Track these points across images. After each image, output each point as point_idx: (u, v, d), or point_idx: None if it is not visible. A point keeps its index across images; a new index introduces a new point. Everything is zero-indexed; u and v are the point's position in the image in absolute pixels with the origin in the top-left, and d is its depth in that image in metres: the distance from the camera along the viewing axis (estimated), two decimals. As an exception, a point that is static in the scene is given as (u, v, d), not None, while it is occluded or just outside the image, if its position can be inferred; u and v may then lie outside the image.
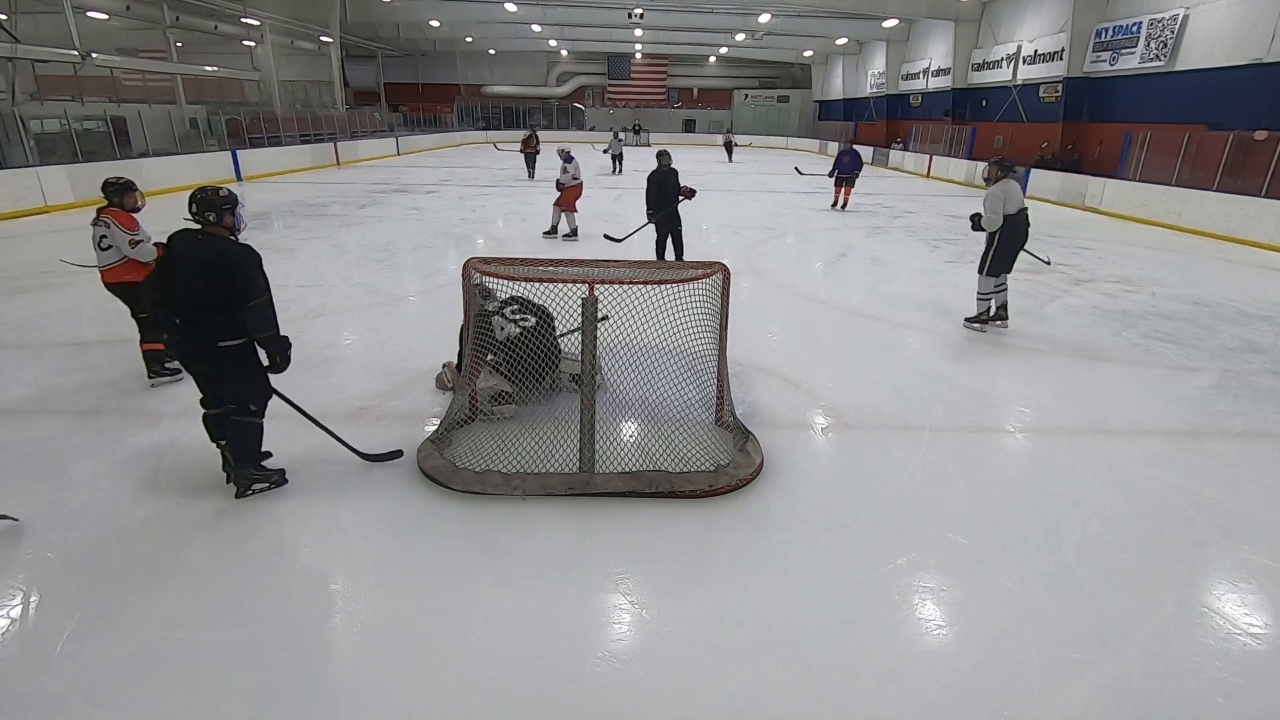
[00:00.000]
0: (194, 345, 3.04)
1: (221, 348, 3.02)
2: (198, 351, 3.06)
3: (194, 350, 3.06)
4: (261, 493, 3.31)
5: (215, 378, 3.17)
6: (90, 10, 18.72)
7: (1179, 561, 3.00)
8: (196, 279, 2.95)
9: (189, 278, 2.96)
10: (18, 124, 12.73)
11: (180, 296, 2.97)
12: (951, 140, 22.73)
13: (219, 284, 2.94)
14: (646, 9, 26.11)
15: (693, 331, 3.70)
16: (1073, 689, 2.29)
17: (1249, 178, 11.88)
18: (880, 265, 9.09)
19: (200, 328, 2.99)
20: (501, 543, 3.00)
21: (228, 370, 3.11)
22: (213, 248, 2.99)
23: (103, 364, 4.92)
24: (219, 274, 2.94)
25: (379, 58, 39.26)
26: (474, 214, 12.65)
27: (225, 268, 2.94)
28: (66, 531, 3.00)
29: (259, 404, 3.25)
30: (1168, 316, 6.81)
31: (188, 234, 3.07)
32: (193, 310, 2.97)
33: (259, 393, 3.24)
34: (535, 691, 2.25)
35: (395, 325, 6.03)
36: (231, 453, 3.27)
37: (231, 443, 3.25)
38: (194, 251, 2.99)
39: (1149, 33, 15.59)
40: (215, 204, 3.06)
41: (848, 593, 2.74)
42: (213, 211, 3.06)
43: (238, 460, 3.26)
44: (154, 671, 2.28)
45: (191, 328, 3.00)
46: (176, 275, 2.99)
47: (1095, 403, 4.71)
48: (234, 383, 3.17)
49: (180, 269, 2.98)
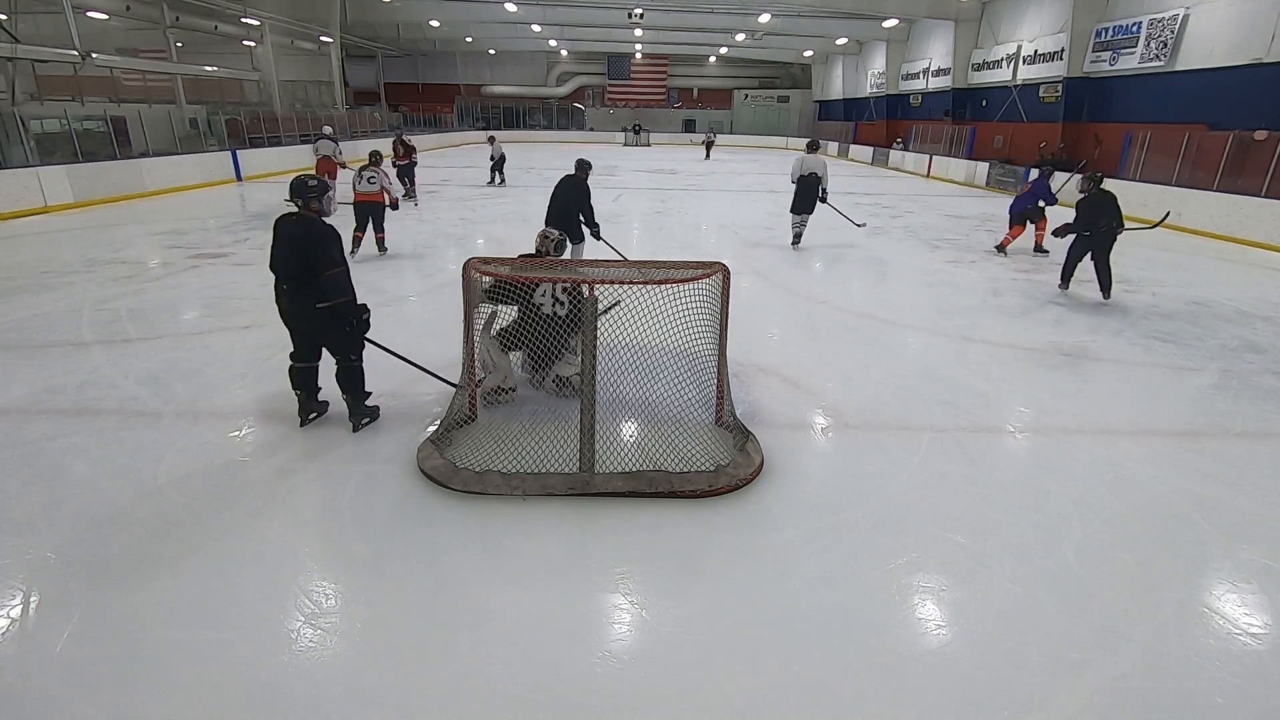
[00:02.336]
0: (297, 306, 3.69)
1: (319, 308, 3.65)
2: (300, 311, 3.70)
3: (297, 310, 3.71)
4: (367, 426, 3.98)
5: (316, 333, 3.81)
6: (90, 10, 18.70)
7: (1179, 561, 3.00)
8: (292, 253, 3.58)
9: (287, 252, 3.61)
10: (18, 124, 12.71)
11: (282, 267, 3.64)
12: (951, 140, 22.73)
13: (309, 257, 3.56)
14: (646, 9, 26.11)
15: (693, 331, 3.70)
16: (1073, 689, 2.29)
17: (1249, 178, 11.87)
18: (880, 265, 9.08)
19: (301, 292, 3.63)
20: (501, 543, 3.00)
21: (325, 327, 3.74)
22: (303, 227, 3.62)
23: (102, 364, 4.92)
24: (307, 249, 3.56)
25: (379, 58, 39.28)
26: (474, 214, 12.65)
27: (310, 243, 3.57)
28: (66, 531, 3.00)
29: (356, 353, 3.89)
30: (1168, 316, 6.81)
31: (287, 216, 3.70)
32: (293, 278, 3.62)
33: (354, 344, 3.87)
34: (535, 691, 2.24)
35: (395, 325, 6.03)
36: (345, 390, 3.93)
37: (343, 384, 3.91)
38: (290, 230, 3.63)
39: (1149, 33, 15.59)
40: (305, 191, 3.69)
41: (848, 593, 2.74)
42: (303, 198, 3.68)
43: (352, 395, 3.93)
44: (154, 671, 2.28)
45: (295, 292, 3.64)
46: (278, 250, 3.65)
47: (1095, 403, 4.71)
48: (333, 337, 3.80)
49: (280, 244, 3.64)
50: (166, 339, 5.50)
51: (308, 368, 3.91)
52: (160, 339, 5.49)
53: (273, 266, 3.72)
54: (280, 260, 3.65)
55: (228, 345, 5.36)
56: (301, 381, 3.94)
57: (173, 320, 6.01)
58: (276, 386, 4.58)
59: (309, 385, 3.98)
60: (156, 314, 6.13)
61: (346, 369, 3.88)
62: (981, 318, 6.68)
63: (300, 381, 3.94)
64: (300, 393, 3.97)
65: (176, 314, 6.19)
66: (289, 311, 3.75)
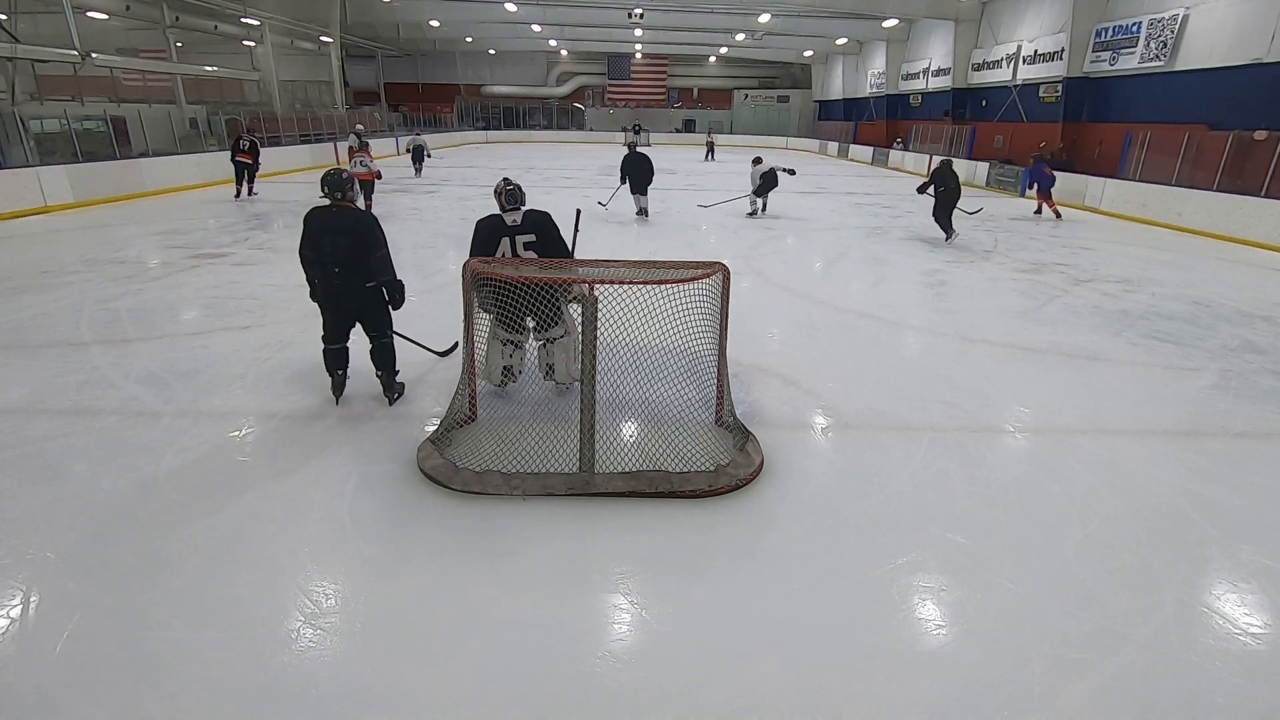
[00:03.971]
0: (349, 288, 4.01)
1: (367, 288, 4.03)
2: (351, 292, 4.03)
3: (348, 291, 4.02)
4: (398, 401, 4.34)
5: (362, 311, 4.12)
6: (90, 10, 18.69)
7: (1179, 561, 3.00)
8: (342, 240, 3.90)
9: (335, 241, 3.91)
10: (18, 124, 12.71)
11: (332, 255, 3.92)
12: (951, 140, 22.73)
13: (357, 242, 3.91)
14: (646, 9, 26.10)
15: (693, 331, 3.70)
16: (1073, 689, 2.29)
17: (1249, 178, 11.87)
18: (880, 265, 9.08)
19: (355, 274, 3.97)
20: (501, 543, 3.00)
21: (371, 304, 4.10)
22: (348, 216, 3.98)
23: (102, 364, 4.92)
24: (355, 235, 3.92)
25: (379, 58, 39.25)
26: (474, 214, 12.49)
27: (359, 230, 3.94)
28: (66, 531, 3.00)
29: (390, 330, 4.26)
30: (1168, 316, 6.81)
31: (324, 209, 4.00)
32: (344, 263, 3.93)
33: (389, 320, 4.23)
34: (535, 691, 2.24)
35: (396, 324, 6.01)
36: (380, 367, 4.29)
37: (379, 361, 4.27)
38: (335, 221, 3.95)
39: (1149, 33, 15.59)
40: (341, 184, 4.02)
41: (848, 592, 2.74)
42: (340, 190, 4.01)
43: (386, 372, 4.30)
44: (154, 671, 2.28)
45: (348, 275, 3.97)
46: (323, 241, 3.93)
47: (1095, 403, 4.71)
48: (376, 313, 4.16)
49: (327, 235, 3.93)
50: (166, 339, 5.50)
51: (342, 348, 4.24)
52: (160, 339, 5.49)
53: (312, 256, 4.00)
54: (330, 249, 3.92)
55: (228, 345, 5.36)
56: (339, 361, 4.25)
57: (173, 320, 6.01)
58: (276, 386, 4.59)
59: (345, 364, 4.28)
60: (156, 314, 6.13)
61: (381, 347, 4.22)
62: (981, 318, 6.69)
63: (338, 361, 4.24)
64: (339, 372, 4.27)
65: (176, 314, 6.19)
66: (340, 293, 4.04)
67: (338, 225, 3.93)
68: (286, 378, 4.72)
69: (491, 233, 4.16)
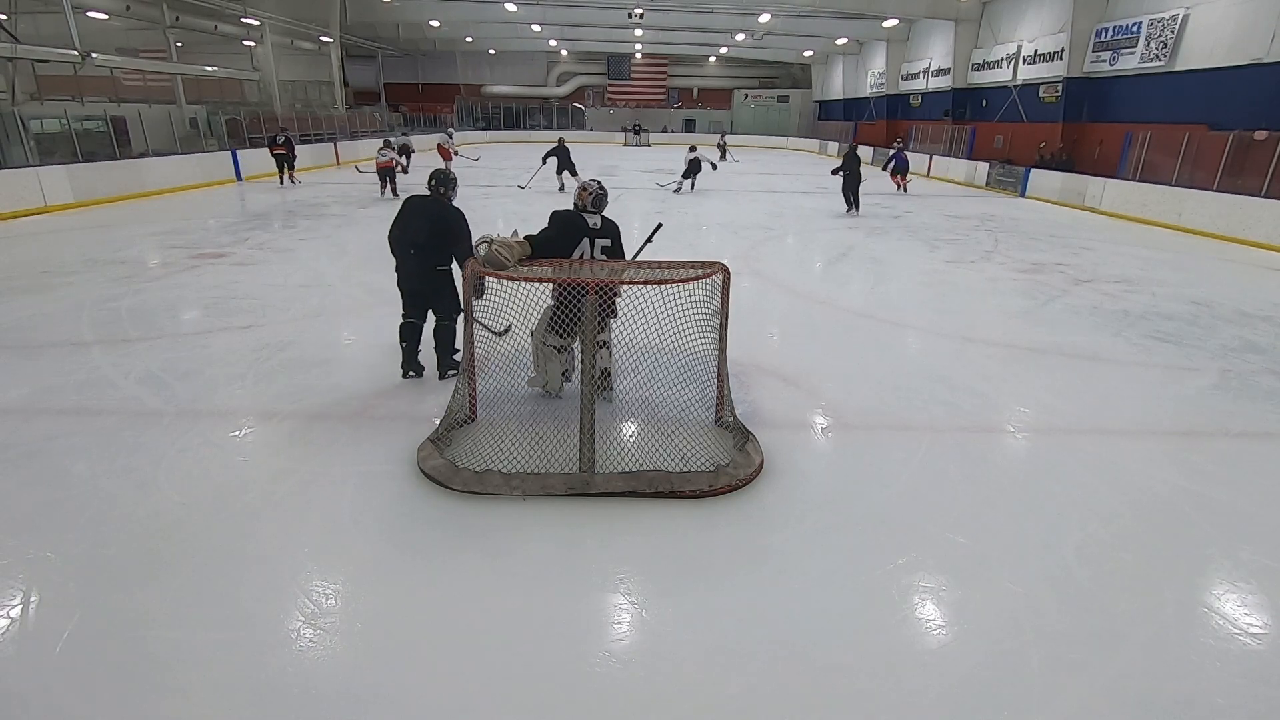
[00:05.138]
0: (422, 269, 4.46)
1: (439, 270, 4.47)
2: (424, 273, 4.47)
3: (421, 272, 4.47)
4: (452, 376, 4.57)
5: (432, 292, 4.54)
6: (90, 10, 18.67)
7: (1179, 561, 3.00)
8: (424, 225, 4.40)
9: (419, 225, 4.41)
10: (18, 124, 12.70)
11: (413, 236, 4.40)
12: (951, 140, 22.72)
13: (440, 229, 4.40)
14: (646, 9, 26.08)
15: (692, 331, 3.69)
16: (1073, 689, 2.29)
17: (1249, 178, 11.87)
18: (880, 265, 9.09)
19: (428, 257, 4.43)
20: (501, 543, 3.00)
21: (441, 286, 4.52)
22: (438, 206, 4.50)
23: (102, 364, 4.92)
24: (440, 223, 4.42)
25: (379, 58, 39.22)
26: (474, 214, 12.58)
27: (445, 220, 4.45)
28: (66, 531, 3.00)
29: (455, 313, 4.59)
30: (1168, 316, 6.81)
31: (422, 197, 4.54)
32: (420, 245, 4.40)
33: (456, 306, 4.59)
34: (535, 691, 2.24)
35: (395, 325, 6.00)
36: (438, 344, 4.66)
37: (439, 339, 4.65)
38: (426, 208, 4.48)
39: (1149, 33, 15.59)
40: (446, 182, 4.58)
41: (848, 593, 2.74)
42: (444, 186, 4.55)
43: (443, 350, 4.67)
44: (154, 671, 2.28)
45: (422, 256, 4.43)
46: (410, 222, 4.44)
47: (1095, 403, 4.71)
48: (444, 296, 4.57)
49: (414, 218, 4.44)
50: (166, 339, 5.50)
51: (415, 324, 4.62)
52: (160, 339, 5.49)
53: (398, 234, 4.48)
54: (412, 230, 4.40)
55: (228, 345, 5.36)
56: (409, 334, 4.61)
57: (173, 320, 6.01)
58: (277, 386, 4.59)
59: (414, 339, 4.63)
60: (157, 314, 6.13)
61: (443, 329, 4.63)
62: (981, 318, 6.69)
63: (407, 334, 4.62)
64: (405, 345, 4.63)
65: (176, 314, 6.19)
66: (413, 273, 4.48)
67: (427, 211, 4.45)
68: (286, 378, 4.72)
69: (573, 229, 4.12)
